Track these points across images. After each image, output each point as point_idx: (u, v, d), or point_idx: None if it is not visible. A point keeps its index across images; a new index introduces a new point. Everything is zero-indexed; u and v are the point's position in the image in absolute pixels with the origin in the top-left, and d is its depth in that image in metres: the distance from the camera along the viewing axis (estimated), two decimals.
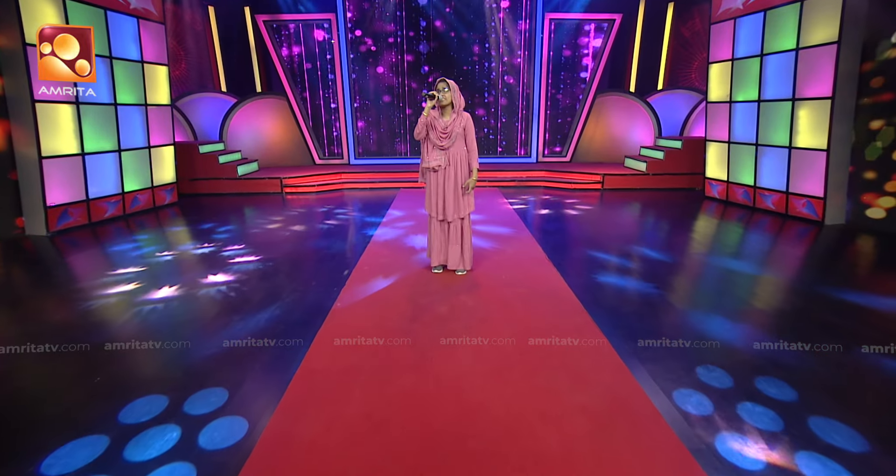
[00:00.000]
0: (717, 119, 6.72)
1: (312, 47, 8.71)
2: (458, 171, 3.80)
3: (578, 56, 8.85)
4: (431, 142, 3.78)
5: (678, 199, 7.16)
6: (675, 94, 8.62)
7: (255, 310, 3.27)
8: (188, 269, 4.23)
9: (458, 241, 3.95)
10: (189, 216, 6.39)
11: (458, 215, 3.87)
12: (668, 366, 2.50)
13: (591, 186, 7.85)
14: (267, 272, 4.07)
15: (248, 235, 5.33)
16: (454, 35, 8.70)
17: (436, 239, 3.98)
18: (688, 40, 8.63)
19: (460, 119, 3.73)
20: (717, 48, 6.57)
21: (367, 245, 4.87)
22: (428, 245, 4.10)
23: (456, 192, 3.83)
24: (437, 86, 3.65)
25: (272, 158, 8.99)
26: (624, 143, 8.95)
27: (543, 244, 4.85)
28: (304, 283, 3.84)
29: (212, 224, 5.83)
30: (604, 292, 3.58)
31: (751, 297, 3.60)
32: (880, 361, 2.57)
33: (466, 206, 3.89)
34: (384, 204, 6.93)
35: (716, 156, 6.85)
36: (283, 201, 7.38)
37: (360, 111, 9.08)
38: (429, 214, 3.99)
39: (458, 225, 3.92)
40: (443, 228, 3.95)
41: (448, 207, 3.82)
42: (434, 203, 3.86)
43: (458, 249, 3.96)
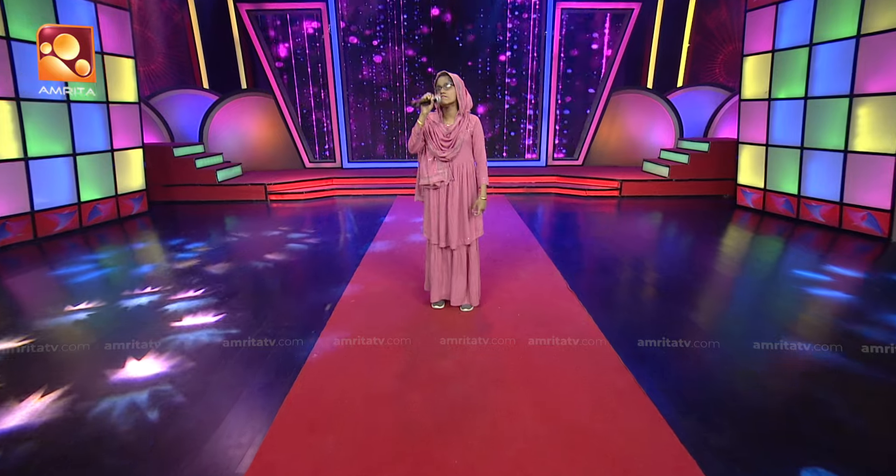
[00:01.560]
0: (753, 119, 5.89)
1: (301, 39, 7.88)
2: (465, 188, 3.01)
3: (592, 49, 8.00)
4: (431, 152, 2.97)
5: (706, 209, 6.33)
6: (698, 91, 7.79)
7: (202, 397, 2.44)
8: (128, 324, 3.42)
9: (463, 271, 3.16)
10: (158, 229, 5.58)
11: (463, 241, 3.07)
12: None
13: (607, 193, 7.03)
14: (228, 321, 3.26)
15: (217, 252, 4.51)
16: (457, 27, 7.86)
17: (436, 269, 3.18)
18: (712, 32, 7.79)
19: (467, 123, 2.94)
20: (754, 39, 5.74)
21: (355, 268, 4.07)
22: (427, 275, 3.31)
23: (462, 214, 3.03)
24: (438, 81, 2.87)
25: (258, 161, 8.17)
26: (642, 145, 8.11)
27: (561, 266, 4.07)
28: (275, 324, 3.04)
29: (180, 239, 5.02)
30: (645, 334, 2.77)
31: (815, 330, 2.79)
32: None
33: (474, 230, 3.09)
34: (378, 214, 6.12)
35: (750, 160, 6.02)
36: (268, 210, 6.58)
37: (353, 110, 8.25)
38: (428, 240, 3.19)
39: (464, 253, 3.12)
40: (445, 257, 3.16)
41: (452, 232, 3.03)
42: (435, 227, 3.07)
43: (464, 282, 3.17)
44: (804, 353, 2.63)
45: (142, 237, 5.24)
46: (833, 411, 2.12)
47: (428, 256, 3.26)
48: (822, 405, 2.17)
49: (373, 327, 2.99)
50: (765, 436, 1.93)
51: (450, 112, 2.96)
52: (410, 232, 5.22)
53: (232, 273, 3.97)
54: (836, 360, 2.54)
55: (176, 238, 5.12)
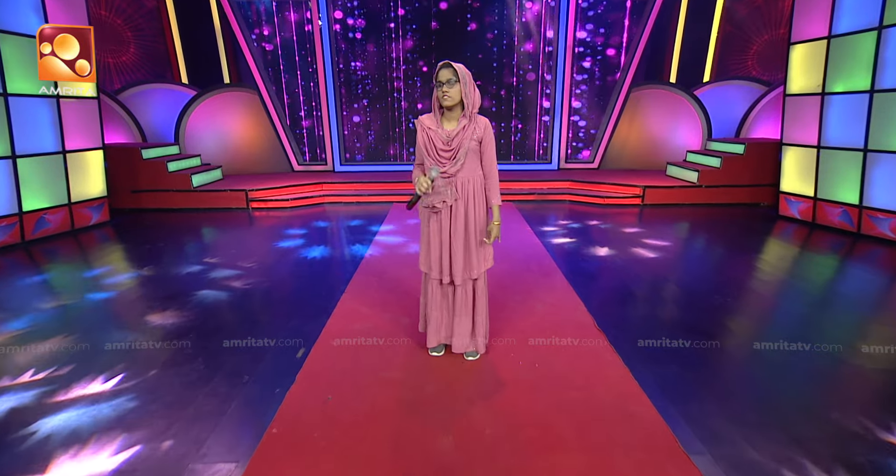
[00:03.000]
0: (801, 116, 5.06)
1: (289, 30, 7.09)
2: (472, 209, 2.30)
3: (610, 41, 7.17)
4: (430, 164, 2.29)
5: (743, 219, 5.51)
6: (729, 85, 6.96)
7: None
8: None
9: (468, 311, 2.40)
10: (114, 244, 4.81)
11: (469, 275, 2.32)
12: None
13: (628, 201, 6.21)
14: (177, 369, 2.48)
15: (170, 276, 3.73)
16: (459, 19, 7.04)
17: (435, 308, 2.43)
18: (744, 20, 6.94)
19: (473, 127, 2.23)
20: (805, 23, 4.91)
21: (340, 295, 3.32)
22: (423, 315, 2.55)
23: (468, 241, 2.32)
24: (439, 74, 2.16)
25: (241, 164, 7.39)
26: (664, 146, 7.29)
27: (584, 294, 3.31)
28: (232, 381, 2.29)
29: (138, 261, 4.25)
30: (705, 399, 1.97)
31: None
32: None
33: (482, 261, 2.36)
34: (371, 224, 5.34)
35: (796, 164, 5.19)
36: (249, 219, 5.81)
37: (347, 107, 7.46)
38: (424, 274, 2.45)
39: (469, 288, 2.37)
40: (445, 294, 2.41)
41: (456, 264, 2.33)
42: (436, 258, 2.36)
43: (468, 324, 2.42)
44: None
45: (92, 255, 4.47)
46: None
47: (424, 291, 2.50)
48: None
49: (353, 385, 2.26)
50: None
51: (453, 113, 2.25)
52: (405, 247, 4.44)
53: (183, 305, 3.19)
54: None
55: (132, 254, 4.37)
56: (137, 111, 6.74)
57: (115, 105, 6.48)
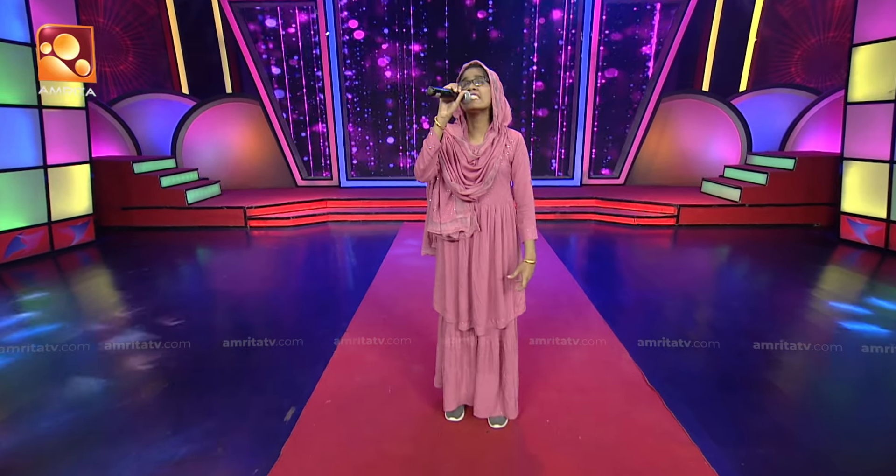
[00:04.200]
0: (867, 127, 4.51)
1: (294, 38, 6.80)
2: (500, 243, 1.87)
3: (638, 47, 6.73)
4: (447, 186, 1.84)
5: (796, 243, 4.91)
6: (771, 94, 6.42)
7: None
8: None
9: (493, 367, 1.98)
10: (99, 267, 4.41)
11: (496, 324, 1.91)
12: None
13: (660, 221, 5.66)
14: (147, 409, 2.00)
15: (148, 316, 3.27)
16: (476, 23, 6.68)
17: (454, 362, 1.97)
18: (787, 22, 6.45)
19: (504, 142, 1.80)
20: (871, 22, 4.40)
21: (341, 336, 2.84)
22: (439, 368, 2.08)
23: (494, 282, 1.89)
24: (465, 74, 1.78)
25: (241, 179, 7.03)
26: (698, 160, 6.74)
27: (626, 337, 2.80)
28: (199, 453, 1.80)
29: (113, 298, 3.82)
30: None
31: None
32: None
33: (512, 307, 1.92)
34: (379, 247, 4.86)
35: (862, 181, 4.62)
36: (247, 239, 5.39)
37: (354, 119, 7.09)
38: (441, 317, 2.03)
39: (496, 339, 1.95)
40: (467, 345, 1.99)
41: (478, 310, 1.87)
42: (452, 300, 1.92)
43: (494, 383, 1.99)
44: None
45: (61, 282, 4.06)
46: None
47: (441, 339, 2.02)
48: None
49: (351, 463, 1.79)
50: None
51: (478, 123, 1.82)
52: (418, 275, 3.94)
53: (154, 348, 2.71)
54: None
55: (117, 280, 3.94)
56: (133, 123, 6.44)
57: (109, 116, 6.19)
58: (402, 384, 2.33)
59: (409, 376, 2.40)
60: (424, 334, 2.85)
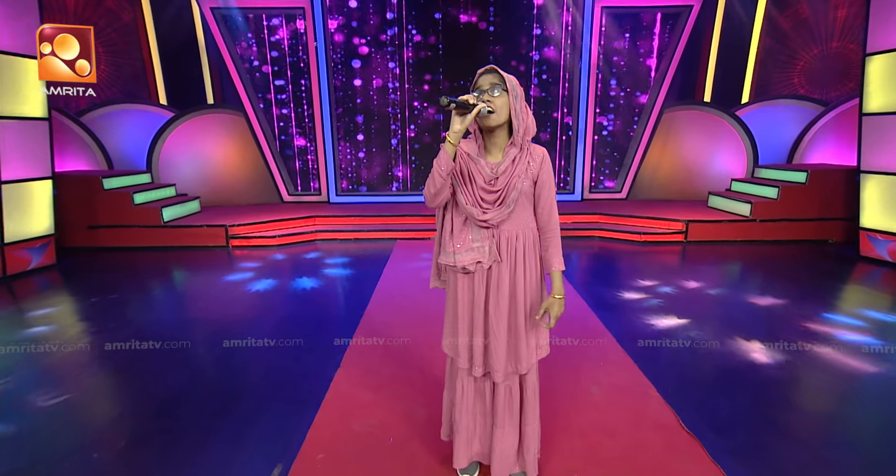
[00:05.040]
0: (884, 138, 4.34)
1: (280, 45, 6.50)
2: (522, 275, 1.60)
3: (639, 57, 6.57)
4: (462, 209, 1.58)
5: (811, 260, 4.69)
6: (776, 105, 6.29)
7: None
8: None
9: (512, 419, 1.70)
10: (56, 294, 3.96)
11: (516, 369, 1.64)
12: None
13: (667, 238, 5.41)
14: None
15: (114, 353, 2.86)
16: (472, 30, 6.47)
17: (466, 413, 1.68)
18: (787, 34, 6.36)
19: (527, 159, 1.55)
20: (883, 31, 4.26)
21: (333, 374, 2.52)
22: (448, 419, 1.79)
23: (515, 321, 1.62)
24: (480, 80, 1.51)
25: (223, 194, 6.64)
26: (702, 174, 6.55)
27: (650, 371, 2.54)
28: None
29: (73, 329, 3.39)
30: None
31: None
32: None
33: (534, 350, 1.66)
34: (372, 268, 4.51)
35: (882, 195, 4.43)
36: (228, 259, 4.99)
37: (344, 131, 6.78)
38: (449, 358, 1.77)
39: (515, 385, 1.69)
40: (481, 391, 1.72)
41: (496, 352, 1.61)
42: (465, 341, 1.65)
43: (514, 437, 1.72)
44: None
45: (20, 311, 3.61)
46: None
47: (450, 383, 1.79)
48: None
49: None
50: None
51: (496, 138, 1.55)
52: (415, 302, 3.59)
53: (118, 394, 2.31)
54: None
55: (78, 309, 3.50)
56: (104, 135, 6.03)
57: (77, 128, 5.77)
58: (405, 433, 2.00)
59: (413, 423, 2.07)
60: (427, 370, 2.52)
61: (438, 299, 3.60)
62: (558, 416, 2.09)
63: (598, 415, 2.15)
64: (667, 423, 2.07)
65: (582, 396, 2.29)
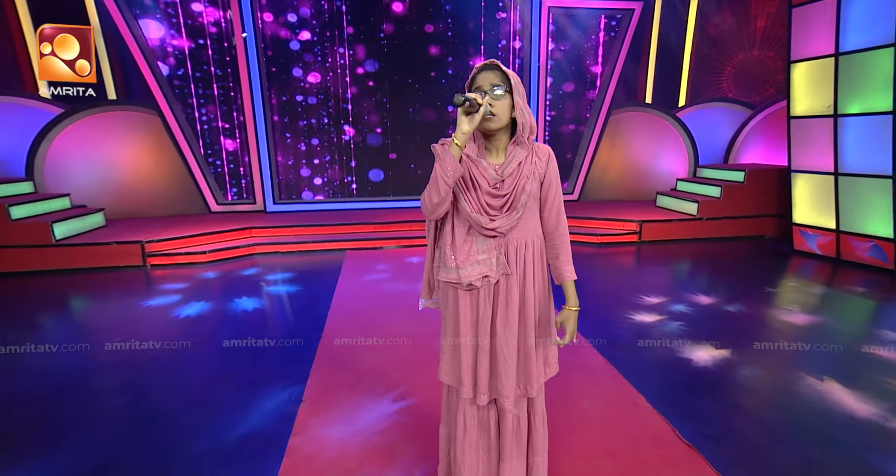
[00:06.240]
0: (810, 140, 4.81)
1: (202, 32, 5.84)
2: (531, 287, 1.48)
3: (586, 59, 6.78)
4: (463, 219, 1.45)
5: (756, 256, 5.08)
6: (711, 108, 6.80)
7: None
8: None
9: (520, 451, 1.58)
10: None
11: (526, 392, 1.53)
12: None
13: (622, 238, 5.60)
14: None
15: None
16: (418, 27, 6.28)
17: (468, 448, 1.55)
18: (714, 41, 6.92)
19: (533, 160, 1.45)
20: (805, 40, 4.72)
21: (291, 426, 2.13)
22: (445, 457, 1.65)
23: (525, 338, 1.50)
24: (478, 78, 1.38)
25: (135, 206, 5.83)
26: (649, 174, 6.92)
27: (638, 381, 2.52)
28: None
29: None
30: None
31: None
32: None
33: (543, 369, 1.56)
34: (324, 284, 4.13)
35: (811, 193, 4.90)
36: (148, 280, 4.33)
37: (280, 132, 6.25)
38: (445, 388, 1.63)
39: (524, 412, 1.57)
40: (485, 423, 1.58)
41: (506, 375, 1.47)
42: (467, 364, 1.49)
43: (520, 470, 1.59)
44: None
45: None
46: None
47: (447, 419, 1.65)
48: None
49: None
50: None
51: (497, 140, 1.45)
52: (379, 318, 3.29)
53: None
54: None
55: None
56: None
57: None
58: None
59: (400, 465, 1.83)
60: (412, 407, 2.25)
61: (412, 317, 3.35)
62: (555, 438, 1.98)
63: (594, 433, 2.10)
64: (663, 437, 2.08)
65: (574, 413, 2.24)
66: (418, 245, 5.44)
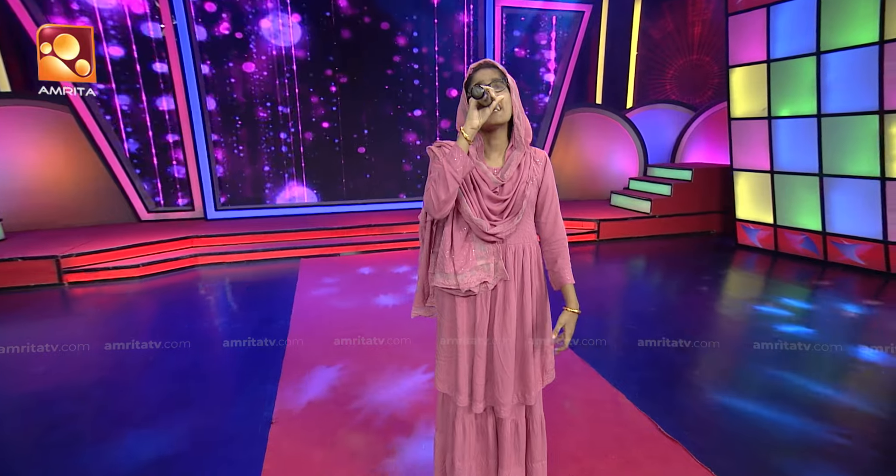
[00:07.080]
0: (749, 141, 5.24)
1: (122, 19, 5.33)
2: (529, 293, 1.51)
3: (538, 60, 6.96)
4: (462, 223, 1.47)
5: (705, 251, 5.47)
6: (657, 109, 7.23)
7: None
8: None
9: (520, 457, 1.60)
10: None
11: (525, 399, 1.55)
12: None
13: (581, 238, 5.81)
14: None
15: None
16: (369, 23, 6.13)
17: (468, 457, 1.55)
18: (658, 44, 7.37)
19: (530, 164, 1.47)
20: (741, 46, 5.14)
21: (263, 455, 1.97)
22: (440, 466, 1.70)
23: (523, 345, 1.52)
24: (476, 76, 1.39)
25: (42, 215, 5.24)
26: (602, 174, 7.23)
27: (611, 375, 2.65)
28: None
29: None
30: None
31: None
32: None
33: (541, 375, 1.58)
34: (280, 295, 3.91)
35: (751, 190, 5.34)
36: (65, 301, 3.88)
37: (222, 131, 5.85)
38: (440, 397, 1.64)
39: (522, 419, 1.59)
40: (483, 431, 1.60)
41: (503, 382, 1.49)
42: (464, 372, 1.50)
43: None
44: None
45: None
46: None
47: (443, 428, 1.63)
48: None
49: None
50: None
51: (496, 140, 1.47)
52: (349, 327, 3.15)
53: None
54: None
55: None
56: None
57: None
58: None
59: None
60: (394, 422, 2.17)
61: (388, 327, 3.24)
62: (550, 444, 1.98)
63: (581, 434, 2.17)
64: (647, 433, 2.17)
65: (559, 414, 2.29)
66: (377, 251, 5.31)
